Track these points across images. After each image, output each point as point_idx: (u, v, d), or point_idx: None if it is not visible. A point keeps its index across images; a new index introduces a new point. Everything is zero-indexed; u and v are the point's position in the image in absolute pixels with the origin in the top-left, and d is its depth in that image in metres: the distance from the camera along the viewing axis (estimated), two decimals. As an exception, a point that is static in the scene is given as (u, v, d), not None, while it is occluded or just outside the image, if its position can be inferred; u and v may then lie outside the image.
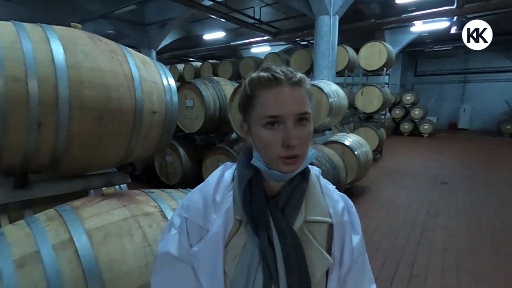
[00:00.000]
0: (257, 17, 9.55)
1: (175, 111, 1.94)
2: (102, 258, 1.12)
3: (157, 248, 0.71)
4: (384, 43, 7.49)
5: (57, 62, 1.36)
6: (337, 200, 0.72)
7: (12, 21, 1.43)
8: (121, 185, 2.19)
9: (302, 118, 0.61)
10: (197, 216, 0.67)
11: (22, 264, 1.01)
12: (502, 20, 9.58)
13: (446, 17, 8.68)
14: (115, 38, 12.73)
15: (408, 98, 13.54)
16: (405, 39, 11.90)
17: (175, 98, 1.94)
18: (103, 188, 1.52)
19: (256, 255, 0.63)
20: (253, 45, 12.77)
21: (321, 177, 0.75)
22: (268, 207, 0.64)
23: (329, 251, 0.67)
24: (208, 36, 12.01)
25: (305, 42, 11.86)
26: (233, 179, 0.70)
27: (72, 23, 1.70)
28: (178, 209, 0.72)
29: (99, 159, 1.64)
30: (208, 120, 3.99)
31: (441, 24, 9.75)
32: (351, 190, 4.99)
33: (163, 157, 4.65)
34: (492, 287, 2.39)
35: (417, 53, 16.32)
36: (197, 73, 11.49)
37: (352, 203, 0.75)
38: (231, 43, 12.72)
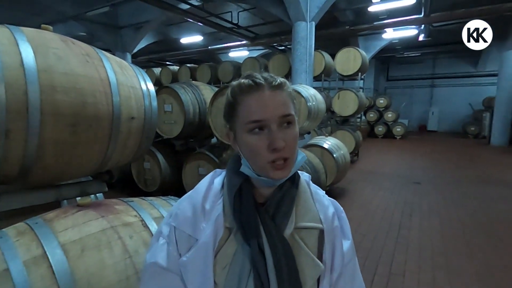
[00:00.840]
0: (235, 21, 9.60)
1: (155, 117, 1.89)
2: (79, 273, 1.06)
3: (145, 258, 0.69)
4: (358, 49, 7.76)
5: (26, 66, 1.28)
6: (327, 205, 0.71)
7: (-25, 21, 1.33)
8: (97, 194, 2.09)
9: (286, 121, 0.60)
10: (186, 225, 0.65)
11: (-12, 284, 0.93)
12: (464, 28, 10.25)
13: (414, 25, 9.18)
14: (87, 40, 12.26)
15: (382, 101, 14.10)
16: (377, 45, 12.43)
17: (154, 103, 1.89)
18: (78, 199, 1.44)
19: (246, 263, 0.62)
20: (231, 50, 12.82)
21: (311, 182, 0.75)
22: (258, 214, 0.63)
23: (320, 257, 0.67)
24: (186, 40, 11.89)
25: (283, 47, 12.05)
26: (222, 186, 0.69)
27: (42, 25, 1.62)
28: (166, 218, 0.70)
29: (74, 168, 1.55)
30: (187, 125, 3.92)
31: (410, 31, 10.31)
32: (330, 192, 5.09)
33: (140, 164, 4.51)
34: (465, 281, 2.52)
35: (388, 59, 17.12)
36: (175, 77, 11.31)
37: (342, 208, 0.75)
38: (209, 47, 12.67)
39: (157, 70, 12.25)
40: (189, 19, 8.48)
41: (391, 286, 2.45)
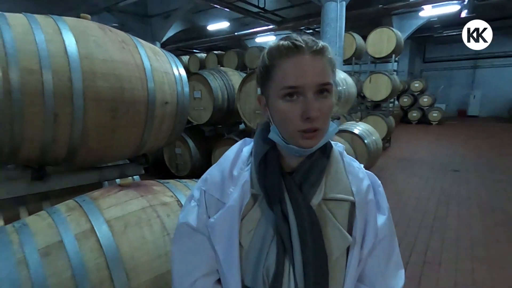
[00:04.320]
0: (261, 5, 9.39)
1: (187, 102, 1.93)
2: (123, 247, 1.13)
3: (178, 218, 0.74)
4: (392, 29, 7.31)
5: (70, 54, 1.35)
6: (362, 178, 0.68)
7: (23, 13, 1.42)
8: (134, 177, 2.20)
9: (323, 90, 0.58)
10: (214, 189, 0.68)
11: (46, 253, 1.03)
12: (515, 2, 9.26)
13: (456, 0, 8.42)
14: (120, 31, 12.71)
15: (417, 85, 13.30)
16: (413, 25, 11.61)
17: (186, 89, 1.93)
18: (119, 180, 1.53)
19: (270, 229, 0.63)
20: (258, 35, 12.62)
21: (345, 153, 0.72)
22: (285, 182, 0.63)
23: (350, 230, 0.65)
24: (212, 27, 11.88)
25: (311, 30, 11.66)
26: (251, 154, 0.70)
27: (81, 14, 1.68)
28: (198, 182, 0.73)
29: (114, 151, 1.64)
30: (216, 111, 3.97)
31: (451, 8, 9.45)
32: (360, 179, 4.96)
33: (172, 149, 4.67)
34: (507, 274, 2.37)
35: (425, 39, 15.93)
36: (202, 65, 11.42)
37: (379, 182, 0.71)
38: (235, 33, 12.57)
39: (185, 58, 12.44)
40: (215, 5, 8.44)
41: (426, 274, 2.37)
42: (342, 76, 4.85)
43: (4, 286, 0.91)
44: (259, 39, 13.64)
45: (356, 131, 4.51)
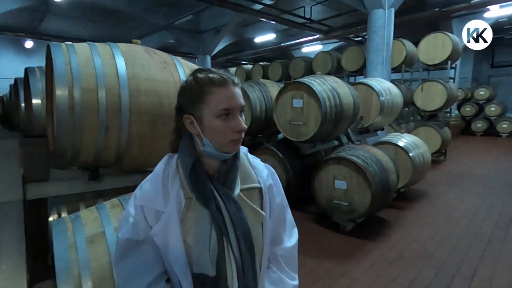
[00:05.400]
0: (307, 16, 9.46)
1: (219, 114, 2.10)
2: (152, 241, 1.31)
3: (118, 237, 0.81)
4: (448, 33, 6.78)
5: (120, 75, 1.61)
6: (263, 169, 0.91)
7: (88, 42, 1.73)
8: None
9: (242, 110, 0.78)
10: (152, 202, 0.79)
11: (91, 241, 1.25)
12: None
13: (529, -2, 7.50)
14: (175, 47, 13.86)
15: (482, 93, 12.00)
16: (477, 27, 10.57)
17: (219, 102, 2.10)
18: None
19: (208, 221, 0.77)
20: (304, 45, 12.66)
21: (248, 153, 0.92)
22: (212, 182, 0.79)
23: (261, 208, 0.85)
24: (259, 39, 12.29)
25: (359, 38, 11.34)
26: (177, 166, 0.82)
27: (133, 40, 1.96)
28: (131, 201, 0.82)
29: (153, 157, 1.87)
30: (254, 121, 4.14)
31: (523, 6, 8.42)
32: (405, 194, 4.67)
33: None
34: None
35: (494, 41, 14.24)
36: (248, 76, 11.82)
37: (273, 170, 0.95)
38: (282, 44, 12.80)
39: (232, 70, 13.02)
40: (262, 19, 8.76)
41: (468, 302, 2.17)
42: (386, 86, 4.67)
43: (58, 263, 1.14)
44: (306, 49, 13.66)
45: (400, 143, 4.28)
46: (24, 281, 1.48)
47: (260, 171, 0.89)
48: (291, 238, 0.94)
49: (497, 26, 11.41)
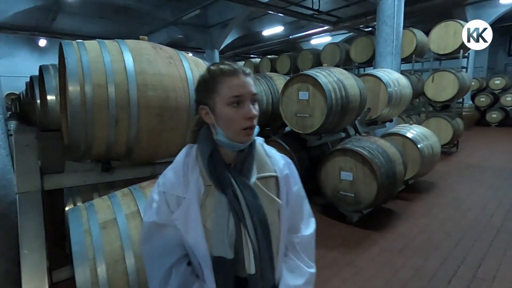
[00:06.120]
0: (315, 7, 9.35)
1: (224, 107, 2.16)
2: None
3: (143, 221, 0.88)
4: (460, 21, 6.58)
5: (128, 70, 1.68)
6: (279, 159, 0.94)
7: (97, 39, 1.81)
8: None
9: (254, 100, 0.81)
10: (173, 189, 0.84)
11: (104, 226, 1.34)
12: None
13: (548, -18, 7.19)
14: (184, 42, 13.93)
15: (497, 82, 11.63)
16: (493, 14, 10.22)
17: (224, 95, 2.16)
18: (164, 173, 1.81)
19: (226, 207, 0.81)
20: (313, 37, 12.52)
21: (264, 144, 0.96)
22: (229, 171, 0.84)
23: (278, 197, 0.89)
24: (267, 32, 12.22)
25: (369, 28, 11.12)
26: (197, 156, 0.87)
27: (140, 36, 2.03)
28: (155, 188, 0.88)
29: (162, 150, 1.95)
30: (261, 114, 4.13)
31: (542, -9, 8.09)
32: (414, 186, 4.64)
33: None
34: None
35: (509, 29, 13.78)
36: (257, 69, 11.80)
37: (290, 160, 0.97)
38: (290, 37, 12.69)
39: (241, 64, 12.96)
40: (270, 11, 8.70)
41: (473, 290, 2.19)
42: (394, 77, 4.62)
43: (75, 247, 1.23)
44: (314, 41, 13.51)
45: (409, 135, 4.25)
46: (44, 266, 1.59)
47: (276, 160, 0.93)
48: (309, 227, 0.96)
49: (514, 13, 10.99)
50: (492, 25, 10.67)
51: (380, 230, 3.24)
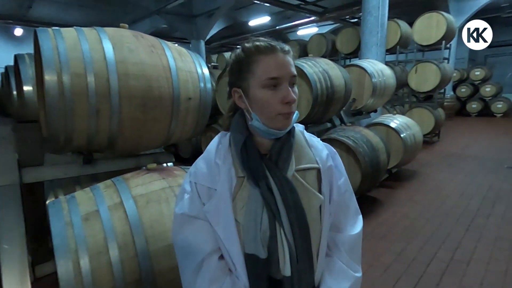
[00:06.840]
0: (302, -3, 9.29)
1: (209, 97, 2.13)
2: (145, 218, 1.38)
3: (174, 212, 0.82)
4: (443, 13, 6.71)
5: (108, 59, 1.63)
6: (322, 149, 0.83)
7: (74, 27, 1.74)
8: (168, 164, 2.49)
9: (293, 82, 0.72)
10: (204, 179, 0.78)
11: (86, 218, 1.31)
12: None
13: (526, -25, 7.39)
14: (168, 32, 13.59)
15: (477, 73, 11.98)
16: (474, 6, 10.47)
17: (209, 85, 2.13)
18: (148, 164, 1.79)
19: (259, 202, 0.74)
20: (300, 27, 12.49)
21: (305, 131, 0.86)
22: (263, 162, 0.75)
23: (320, 191, 0.79)
24: (254, 22, 12.09)
25: (355, 19, 11.18)
26: (229, 144, 0.80)
27: (121, 24, 1.97)
28: (187, 178, 0.83)
29: (145, 141, 1.92)
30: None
31: (520, -17, 8.32)
32: (397, 174, 4.78)
33: (209, 140, 4.99)
34: (549, 279, 2.19)
35: (491, 20, 14.09)
36: (243, 60, 11.68)
37: (334, 150, 0.87)
38: (277, 27, 12.61)
39: (227, 55, 12.85)
40: (256, 1, 8.59)
41: (451, 271, 2.29)
42: (379, 67, 4.68)
43: (56, 239, 1.21)
44: (301, 32, 13.49)
45: (392, 124, 4.34)
46: (25, 261, 1.56)
47: (318, 150, 0.83)
48: (355, 226, 0.85)
49: (494, 5, 11.30)
50: (473, 17, 10.96)
51: (364, 217, 3.27)
